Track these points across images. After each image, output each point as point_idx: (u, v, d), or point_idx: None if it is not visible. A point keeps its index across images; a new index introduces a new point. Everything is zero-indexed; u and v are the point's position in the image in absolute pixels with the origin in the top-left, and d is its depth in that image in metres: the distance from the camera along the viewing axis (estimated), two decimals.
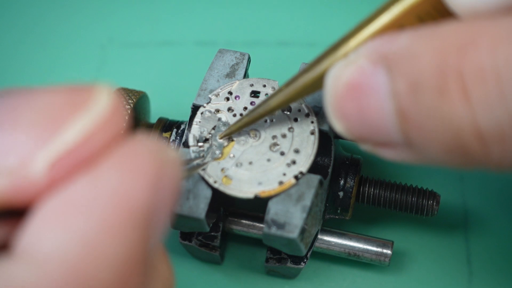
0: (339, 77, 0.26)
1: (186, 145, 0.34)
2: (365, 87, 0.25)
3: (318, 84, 0.29)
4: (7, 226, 0.21)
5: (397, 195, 0.37)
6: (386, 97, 0.25)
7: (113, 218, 0.20)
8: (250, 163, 0.33)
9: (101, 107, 0.21)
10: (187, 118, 0.36)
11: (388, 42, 0.25)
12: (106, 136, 0.21)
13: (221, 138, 0.34)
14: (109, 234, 0.20)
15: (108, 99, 0.21)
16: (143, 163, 0.21)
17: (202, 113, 0.35)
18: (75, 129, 0.21)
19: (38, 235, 0.20)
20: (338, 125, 0.27)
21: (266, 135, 0.34)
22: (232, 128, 0.34)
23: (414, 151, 0.25)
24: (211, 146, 0.34)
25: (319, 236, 0.37)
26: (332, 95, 0.26)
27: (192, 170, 0.32)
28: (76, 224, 0.20)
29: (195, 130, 0.34)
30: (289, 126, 0.34)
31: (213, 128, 0.34)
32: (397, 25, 0.26)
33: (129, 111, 0.36)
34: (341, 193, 0.36)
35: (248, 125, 0.33)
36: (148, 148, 0.21)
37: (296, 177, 0.33)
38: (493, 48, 0.22)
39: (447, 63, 0.23)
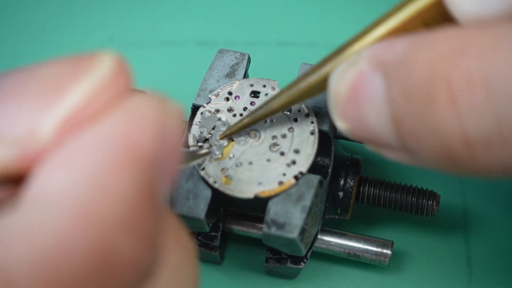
0: (341, 79, 0.26)
1: (186, 145, 0.34)
2: (363, 91, 0.25)
3: (320, 86, 0.29)
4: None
5: (397, 195, 0.37)
6: (382, 103, 0.25)
7: (119, 159, 0.20)
8: (250, 163, 0.33)
9: (103, 69, 0.21)
10: (187, 118, 0.36)
11: (387, 47, 0.25)
12: (110, 95, 0.21)
13: (221, 138, 0.34)
14: (115, 174, 0.20)
15: (110, 61, 0.22)
16: (148, 114, 0.21)
17: (202, 113, 0.35)
18: (78, 91, 0.21)
19: (45, 180, 0.20)
20: (341, 126, 0.27)
21: (266, 135, 0.34)
22: (232, 128, 0.34)
23: (411, 155, 0.26)
24: (211, 146, 0.34)
25: (319, 236, 0.37)
26: (334, 96, 0.27)
27: (198, 156, 0.32)
28: (82, 165, 0.20)
29: (195, 130, 0.34)
30: (289, 126, 0.34)
31: (213, 128, 0.34)
32: (402, 30, 0.26)
33: None
34: (341, 193, 0.36)
35: (249, 126, 0.33)
36: (152, 101, 0.22)
37: (296, 177, 0.33)
38: (481, 56, 0.22)
39: (436, 71, 0.23)
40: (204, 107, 0.35)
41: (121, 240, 0.20)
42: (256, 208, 0.36)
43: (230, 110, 0.35)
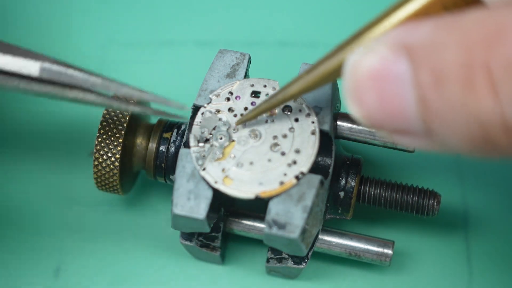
0: (359, 64, 0.26)
1: (186, 145, 0.34)
2: (386, 75, 0.25)
3: (340, 71, 0.28)
4: None
5: (397, 195, 0.37)
6: (408, 86, 0.24)
7: None
8: (251, 163, 0.33)
9: None
10: (188, 119, 0.36)
11: (410, 31, 0.25)
12: None
13: (238, 124, 0.34)
14: None
15: None
16: None
17: (202, 114, 0.35)
18: None
19: None
20: (356, 112, 0.26)
21: (266, 135, 0.34)
22: (249, 114, 0.33)
23: (433, 140, 0.25)
24: (212, 146, 0.34)
25: (320, 236, 0.37)
26: (351, 81, 0.26)
27: None
28: None
29: (196, 130, 0.34)
30: (290, 126, 0.34)
31: (214, 129, 0.34)
32: (423, 14, 0.26)
33: (129, 112, 0.36)
34: (341, 193, 0.36)
35: (266, 111, 0.33)
36: None
37: (297, 177, 0.33)
38: None
39: (473, 57, 0.23)
40: (205, 107, 0.35)
41: None
42: (257, 208, 0.36)
43: (230, 110, 0.35)
